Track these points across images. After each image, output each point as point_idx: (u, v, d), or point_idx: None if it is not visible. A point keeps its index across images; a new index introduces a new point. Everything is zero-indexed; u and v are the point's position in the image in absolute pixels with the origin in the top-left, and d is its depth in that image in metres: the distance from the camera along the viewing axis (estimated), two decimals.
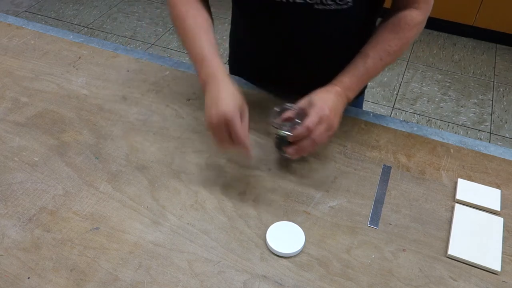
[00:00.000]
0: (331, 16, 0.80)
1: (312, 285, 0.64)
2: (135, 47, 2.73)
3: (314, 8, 0.78)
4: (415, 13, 0.79)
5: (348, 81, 0.79)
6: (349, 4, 0.77)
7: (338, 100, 0.76)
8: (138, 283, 0.64)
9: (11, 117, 0.91)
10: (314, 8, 0.78)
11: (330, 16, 0.80)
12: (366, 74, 0.80)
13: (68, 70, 1.03)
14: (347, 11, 0.79)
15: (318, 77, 0.86)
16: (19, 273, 0.65)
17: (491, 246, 0.68)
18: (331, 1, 0.77)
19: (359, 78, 0.80)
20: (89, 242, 0.69)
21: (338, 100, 0.76)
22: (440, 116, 2.27)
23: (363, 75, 0.80)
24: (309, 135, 0.71)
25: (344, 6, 0.78)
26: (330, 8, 0.78)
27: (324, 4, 0.77)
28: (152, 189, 0.77)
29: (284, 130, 0.74)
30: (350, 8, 0.78)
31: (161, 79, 1.01)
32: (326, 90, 0.77)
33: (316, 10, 0.79)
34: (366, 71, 0.79)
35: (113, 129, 0.88)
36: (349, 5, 0.77)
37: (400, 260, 0.67)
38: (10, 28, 1.18)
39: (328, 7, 0.78)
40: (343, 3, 0.77)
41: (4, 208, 0.73)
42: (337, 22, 0.82)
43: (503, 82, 2.51)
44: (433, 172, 0.81)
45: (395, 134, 0.88)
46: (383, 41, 0.80)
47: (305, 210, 0.74)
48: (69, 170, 0.80)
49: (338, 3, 0.77)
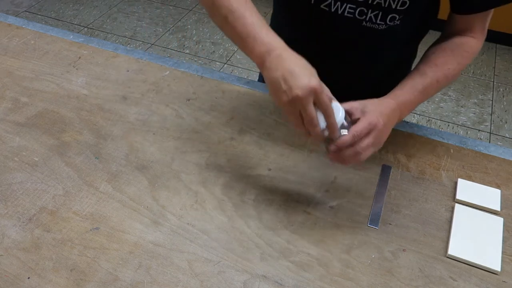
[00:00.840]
0: (378, 34, 0.78)
1: (312, 285, 0.64)
2: (135, 47, 2.73)
3: (361, 25, 0.76)
4: (473, 41, 0.76)
5: (404, 98, 0.72)
6: (396, 22, 0.75)
7: (393, 116, 0.69)
8: (138, 283, 0.64)
9: (11, 117, 0.91)
10: (361, 25, 0.76)
11: (376, 34, 0.77)
12: (422, 94, 0.73)
13: (68, 70, 1.03)
14: (394, 28, 0.76)
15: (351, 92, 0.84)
16: (19, 273, 0.65)
17: (491, 246, 0.68)
18: (381, 21, 0.74)
19: (415, 97, 0.72)
20: (89, 242, 0.69)
21: (392, 115, 0.69)
22: (440, 116, 2.27)
23: (419, 95, 0.72)
24: (353, 144, 0.63)
25: (391, 25, 0.75)
26: (378, 28, 0.76)
27: (373, 22, 0.75)
28: (152, 189, 0.77)
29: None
30: (397, 26, 0.76)
31: (161, 79, 1.01)
32: (382, 102, 0.69)
33: (362, 27, 0.76)
34: (423, 91, 0.73)
35: (113, 129, 0.88)
36: (395, 23, 0.75)
37: (400, 260, 0.67)
38: (10, 28, 1.18)
39: (376, 26, 0.76)
40: (392, 23, 0.75)
41: (4, 208, 0.73)
42: (383, 40, 0.80)
43: (503, 82, 2.51)
44: (433, 172, 0.81)
45: (395, 134, 0.88)
46: (442, 63, 0.74)
47: (305, 210, 0.74)
48: (69, 170, 0.80)
49: (388, 23, 0.75)
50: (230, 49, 2.75)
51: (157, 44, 2.78)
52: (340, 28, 0.79)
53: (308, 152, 0.84)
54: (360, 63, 0.87)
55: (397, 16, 0.74)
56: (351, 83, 0.90)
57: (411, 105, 0.73)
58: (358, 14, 0.75)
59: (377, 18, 0.75)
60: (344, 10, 0.75)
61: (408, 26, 0.79)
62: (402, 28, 0.78)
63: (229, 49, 2.75)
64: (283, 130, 0.88)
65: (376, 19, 0.75)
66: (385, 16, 0.74)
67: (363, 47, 0.83)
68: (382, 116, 0.66)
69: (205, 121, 0.90)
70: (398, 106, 0.70)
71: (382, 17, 0.74)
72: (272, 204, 0.75)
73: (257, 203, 0.75)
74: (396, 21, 0.75)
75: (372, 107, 0.67)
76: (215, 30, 2.91)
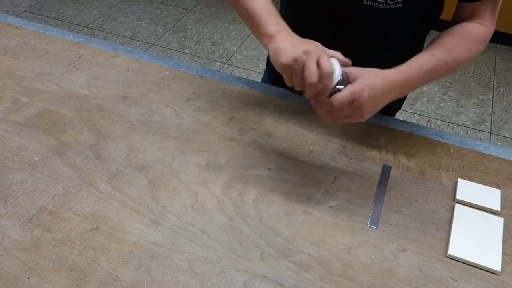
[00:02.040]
0: (380, 15, 0.79)
1: (312, 285, 0.64)
2: (135, 47, 2.73)
3: (362, 4, 0.78)
4: (482, 28, 0.76)
5: (410, 75, 0.70)
6: (398, 4, 0.77)
7: (387, 92, 0.68)
8: (138, 283, 0.64)
9: (11, 117, 0.91)
10: (362, 3, 0.78)
11: (379, 14, 0.79)
12: (428, 74, 0.72)
13: (68, 70, 1.03)
14: (396, 11, 0.78)
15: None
16: (19, 273, 0.65)
17: (491, 246, 0.68)
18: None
19: (421, 76, 0.72)
20: (89, 242, 0.69)
21: (387, 91, 0.68)
22: (440, 116, 2.27)
23: (425, 75, 0.72)
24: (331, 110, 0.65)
25: (392, 6, 0.77)
26: (379, 6, 0.77)
27: (374, 1, 0.77)
28: (152, 189, 0.77)
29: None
30: (400, 9, 0.78)
31: (161, 79, 1.01)
32: (382, 75, 0.68)
33: (363, 6, 0.78)
34: (430, 71, 0.72)
35: (113, 129, 0.88)
36: (398, 5, 0.77)
37: (400, 260, 0.67)
38: (10, 28, 1.18)
39: (377, 5, 0.77)
40: (392, 2, 0.76)
41: (4, 208, 0.73)
42: (386, 22, 0.82)
43: (503, 82, 2.51)
44: (433, 172, 0.81)
45: (395, 134, 0.88)
46: (452, 47, 0.74)
47: (305, 210, 0.74)
48: (69, 170, 0.80)
49: (389, 2, 0.76)
50: (230, 49, 2.75)
51: (157, 44, 2.78)
52: (342, 8, 0.81)
53: (308, 152, 0.84)
54: (366, 46, 0.87)
55: None
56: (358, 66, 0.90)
57: (416, 83, 0.72)
58: None
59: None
60: None
61: (411, 10, 0.79)
62: (405, 11, 0.78)
63: (229, 49, 2.75)
64: (283, 130, 0.88)
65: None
66: None
67: (367, 28, 0.83)
68: (371, 88, 0.65)
69: (205, 121, 0.90)
70: (401, 81, 0.69)
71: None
72: (272, 204, 0.75)
73: (257, 203, 0.75)
74: (398, 3, 0.76)
75: (365, 77, 0.66)
76: (215, 30, 2.91)
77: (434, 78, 0.74)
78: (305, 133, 0.88)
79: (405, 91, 0.71)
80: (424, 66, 0.72)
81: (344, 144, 0.86)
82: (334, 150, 0.84)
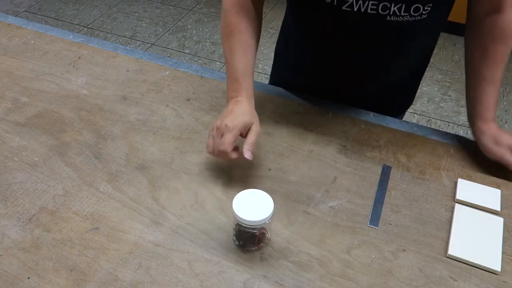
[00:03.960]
0: (403, 28, 0.78)
1: (312, 285, 0.64)
2: (135, 47, 2.74)
3: (386, 20, 0.76)
4: (507, 18, 0.76)
5: (494, 110, 0.80)
6: (423, 16, 0.75)
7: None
8: (138, 283, 0.64)
9: (11, 117, 0.91)
10: (386, 19, 0.76)
11: (401, 27, 0.78)
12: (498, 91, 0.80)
13: (68, 70, 1.03)
14: (420, 23, 0.77)
15: (375, 88, 0.90)
16: (19, 273, 0.64)
17: (491, 246, 0.68)
18: (405, 12, 0.75)
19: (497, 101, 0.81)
20: (89, 242, 0.69)
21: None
22: (440, 116, 2.27)
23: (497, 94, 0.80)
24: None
25: (417, 18, 0.76)
26: (403, 20, 0.76)
27: (397, 15, 0.75)
28: (152, 189, 0.77)
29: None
30: (422, 20, 0.76)
31: (161, 79, 1.01)
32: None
33: (387, 22, 0.76)
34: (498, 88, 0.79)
35: (113, 129, 0.88)
36: (423, 17, 0.76)
37: (400, 260, 0.67)
38: (10, 28, 1.18)
39: (401, 18, 0.76)
40: (417, 14, 0.75)
41: (4, 208, 0.73)
42: (408, 34, 0.80)
43: (503, 82, 2.51)
44: (433, 172, 0.81)
45: (395, 134, 0.88)
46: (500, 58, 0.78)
47: (305, 210, 0.74)
48: (69, 170, 0.80)
49: (413, 14, 0.75)
50: None
51: (157, 44, 2.78)
52: (365, 26, 0.79)
53: (308, 152, 0.84)
54: (386, 58, 0.87)
55: (421, 6, 0.74)
56: (376, 78, 0.91)
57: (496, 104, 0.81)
58: (381, 9, 0.75)
59: (400, 11, 0.75)
60: (367, 8, 0.75)
61: (434, 20, 0.79)
62: (429, 21, 0.78)
63: None
64: (283, 130, 0.88)
65: (400, 12, 0.75)
66: (408, 7, 0.74)
67: (390, 42, 0.82)
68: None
69: (205, 121, 0.90)
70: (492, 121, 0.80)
71: (405, 9, 0.74)
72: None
73: None
74: (423, 12, 0.75)
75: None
76: (215, 30, 2.91)
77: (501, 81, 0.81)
78: (305, 133, 0.88)
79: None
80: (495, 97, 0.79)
81: (344, 144, 0.86)
82: (334, 150, 0.84)
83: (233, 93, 0.80)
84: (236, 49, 0.80)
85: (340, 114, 0.92)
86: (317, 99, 0.96)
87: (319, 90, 0.97)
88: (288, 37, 0.97)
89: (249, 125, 0.75)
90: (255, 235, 0.65)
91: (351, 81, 0.92)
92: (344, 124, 0.90)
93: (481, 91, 0.80)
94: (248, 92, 0.80)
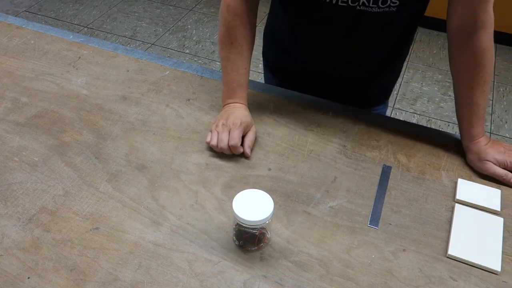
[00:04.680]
0: (373, 19, 0.81)
1: (312, 285, 0.64)
2: (135, 47, 2.73)
3: (356, 10, 0.79)
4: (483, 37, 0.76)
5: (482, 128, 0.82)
6: (391, 8, 0.78)
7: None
8: (138, 283, 0.63)
9: (11, 117, 0.91)
10: (356, 9, 0.79)
11: (372, 19, 0.80)
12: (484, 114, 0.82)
13: (68, 70, 1.03)
14: (389, 14, 0.79)
15: (350, 78, 0.93)
16: (19, 273, 0.64)
17: (491, 246, 0.68)
18: (374, 4, 0.77)
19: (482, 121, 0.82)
20: (89, 242, 0.69)
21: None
22: (440, 116, 2.27)
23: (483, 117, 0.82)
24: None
25: (386, 9, 0.78)
26: (372, 10, 0.78)
27: (366, 6, 0.78)
28: (152, 189, 0.77)
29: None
30: (393, 13, 0.79)
31: (161, 79, 1.01)
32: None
33: (358, 12, 0.79)
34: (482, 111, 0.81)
35: (113, 129, 0.88)
36: (391, 9, 0.78)
37: (400, 260, 0.67)
38: (10, 28, 1.18)
39: (370, 9, 0.78)
40: (385, 6, 0.77)
41: (4, 208, 0.73)
42: (379, 26, 0.83)
43: (503, 82, 2.51)
44: (433, 172, 0.81)
45: (395, 134, 0.88)
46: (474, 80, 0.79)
47: (305, 210, 0.74)
48: (69, 170, 0.80)
49: (381, 6, 0.77)
50: None
51: (157, 44, 2.78)
52: (336, 17, 0.82)
53: (308, 152, 0.84)
54: (359, 49, 0.89)
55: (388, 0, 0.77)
56: (350, 69, 0.94)
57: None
58: (351, 1, 0.78)
59: (369, 2, 0.78)
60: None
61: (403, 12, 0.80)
62: (398, 14, 0.79)
63: None
64: (283, 130, 0.88)
65: (368, 3, 0.78)
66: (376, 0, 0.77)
67: (360, 31, 0.85)
68: None
69: (205, 121, 0.90)
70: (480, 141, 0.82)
71: (374, 0, 0.77)
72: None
73: None
74: (391, 4, 0.77)
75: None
76: (215, 30, 2.91)
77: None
78: (305, 133, 0.88)
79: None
80: (479, 114, 0.81)
81: (344, 144, 0.86)
82: (334, 150, 0.84)
83: (229, 99, 0.88)
84: (234, 60, 0.87)
85: (340, 114, 0.92)
86: (317, 99, 0.96)
87: (297, 74, 1.01)
88: (272, 22, 1.02)
89: (250, 126, 0.84)
90: (255, 235, 0.65)
91: (325, 67, 0.95)
92: (344, 124, 0.90)
93: (464, 111, 0.82)
94: (244, 101, 0.88)
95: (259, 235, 0.66)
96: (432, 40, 2.83)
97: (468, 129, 0.81)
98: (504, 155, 0.79)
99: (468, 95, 0.80)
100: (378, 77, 0.98)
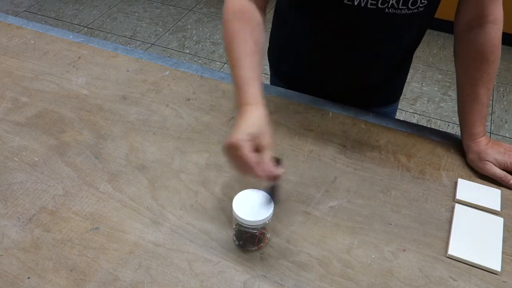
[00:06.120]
0: (401, 21, 0.80)
1: (312, 285, 0.64)
2: (135, 47, 2.73)
3: (384, 13, 0.78)
4: (492, 31, 0.76)
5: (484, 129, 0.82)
6: (420, 9, 0.77)
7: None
8: (138, 283, 0.63)
9: (11, 117, 0.91)
10: (384, 12, 0.77)
11: (400, 21, 0.79)
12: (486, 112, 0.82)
13: (68, 70, 1.03)
14: (416, 16, 0.78)
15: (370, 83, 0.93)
16: (19, 273, 0.64)
17: (491, 246, 0.68)
18: (403, 5, 0.76)
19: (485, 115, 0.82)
20: (89, 242, 0.69)
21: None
22: (440, 116, 2.27)
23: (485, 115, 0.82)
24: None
25: (414, 11, 0.77)
26: (401, 12, 0.77)
27: (396, 8, 0.77)
28: (152, 189, 0.77)
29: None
30: (420, 13, 0.78)
31: (161, 79, 1.01)
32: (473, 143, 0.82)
33: (386, 14, 0.78)
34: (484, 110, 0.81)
35: (113, 129, 0.88)
36: (420, 10, 0.77)
37: (400, 260, 0.67)
38: (10, 28, 1.18)
39: (399, 11, 0.77)
40: (414, 7, 0.77)
41: (4, 208, 0.73)
42: (405, 27, 0.82)
43: (503, 82, 2.51)
44: (433, 172, 0.81)
45: (395, 134, 0.88)
46: (480, 77, 0.79)
47: (305, 210, 0.74)
48: (69, 170, 0.80)
49: (410, 7, 0.76)
50: None
51: (157, 44, 2.78)
52: (365, 19, 0.80)
53: (308, 152, 0.84)
54: (383, 51, 0.89)
55: (418, 0, 0.76)
56: (371, 72, 0.93)
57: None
58: (380, 4, 0.77)
59: (398, 4, 0.76)
60: (367, 2, 0.77)
61: (431, 12, 0.80)
62: (426, 13, 0.79)
63: None
64: (283, 130, 0.88)
65: (398, 5, 0.76)
66: (406, 0, 0.76)
67: (386, 34, 0.84)
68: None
69: (205, 121, 0.90)
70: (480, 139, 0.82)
71: (403, 2, 0.76)
72: None
73: None
74: (420, 5, 0.76)
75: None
76: (215, 30, 2.91)
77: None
78: (305, 133, 0.88)
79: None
80: (481, 113, 0.81)
81: (344, 144, 0.86)
82: (334, 150, 0.84)
83: (239, 103, 0.74)
84: (239, 57, 0.76)
85: (340, 114, 0.92)
86: (317, 99, 0.96)
87: (313, 81, 0.99)
88: (281, 28, 0.97)
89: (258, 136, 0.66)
90: (255, 235, 0.65)
91: (345, 72, 0.94)
92: (344, 124, 0.90)
93: (467, 108, 0.82)
94: (253, 99, 0.72)
95: (259, 235, 0.66)
96: (432, 40, 2.83)
97: (470, 127, 0.81)
98: (504, 155, 0.79)
99: (473, 91, 0.80)
100: (395, 76, 0.98)
